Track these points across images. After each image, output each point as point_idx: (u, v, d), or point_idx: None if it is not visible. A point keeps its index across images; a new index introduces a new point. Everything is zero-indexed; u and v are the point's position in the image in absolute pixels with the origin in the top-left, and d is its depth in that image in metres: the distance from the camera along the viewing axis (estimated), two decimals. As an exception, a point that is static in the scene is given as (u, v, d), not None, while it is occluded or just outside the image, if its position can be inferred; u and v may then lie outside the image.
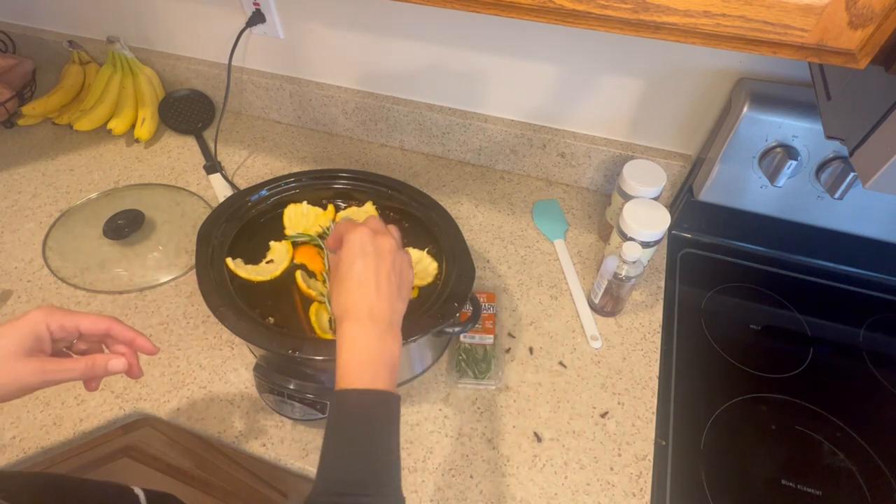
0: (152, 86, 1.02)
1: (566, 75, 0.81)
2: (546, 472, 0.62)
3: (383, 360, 0.45)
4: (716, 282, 0.82)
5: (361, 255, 0.47)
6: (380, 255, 0.47)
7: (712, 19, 0.38)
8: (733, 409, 0.68)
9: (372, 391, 0.43)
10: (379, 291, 0.46)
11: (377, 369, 0.44)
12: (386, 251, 0.48)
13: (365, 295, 0.46)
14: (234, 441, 0.64)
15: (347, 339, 0.45)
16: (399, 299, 0.48)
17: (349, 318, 0.45)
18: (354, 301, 0.46)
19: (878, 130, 0.39)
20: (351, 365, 0.44)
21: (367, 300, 0.46)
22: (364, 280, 0.46)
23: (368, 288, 0.46)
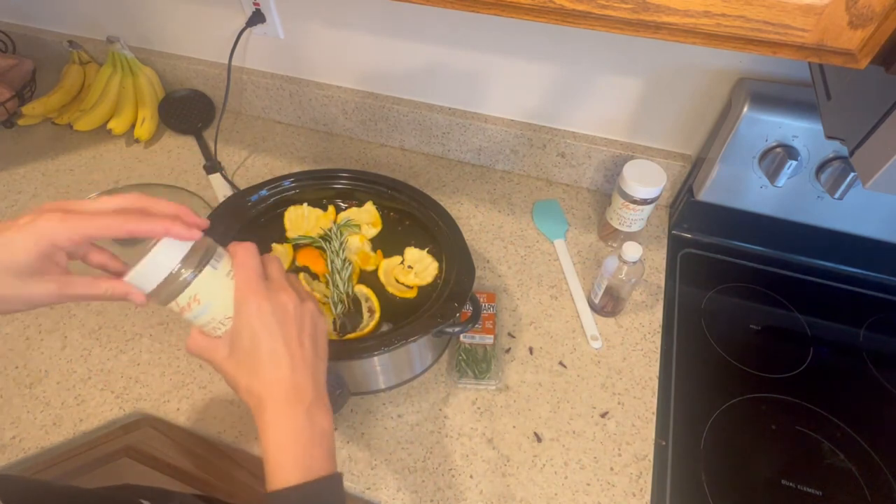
0: (152, 86, 1.02)
1: (566, 75, 0.81)
2: (546, 472, 0.62)
3: (314, 441, 0.39)
4: (716, 282, 0.82)
5: (262, 326, 0.39)
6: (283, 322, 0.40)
7: (712, 19, 0.38)
8: (733, 409, 0.68)
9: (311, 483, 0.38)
10: (293, 363, 0.40)
11: (310, 455, 0.39)
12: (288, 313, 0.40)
13: (277, 373, 0.39)
14: (234, 441, 0.64)
15: (270, 429, 0.39)
16: (317, 358, 0.42)
17: (266, 407, 0.39)
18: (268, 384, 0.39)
19: (878, 130, 0.39)
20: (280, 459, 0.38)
21: (282, 379, 0.39)
22: (271, 355, 0.39)
23: (280, 364, 0.39)
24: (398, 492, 0.60)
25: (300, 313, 0.41)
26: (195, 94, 1.05)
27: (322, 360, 0.43)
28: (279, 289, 0.41)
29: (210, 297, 0.40)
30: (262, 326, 0.39)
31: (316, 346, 0.42)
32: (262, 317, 0.39)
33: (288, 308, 0.41)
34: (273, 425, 0.39)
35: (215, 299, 0.40)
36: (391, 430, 0.65)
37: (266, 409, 0.39)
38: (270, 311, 0.40)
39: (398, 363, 0.66)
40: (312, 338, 0.42)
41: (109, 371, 0.70)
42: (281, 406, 0.39)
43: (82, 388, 0.68)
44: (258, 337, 0.39)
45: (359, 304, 0.65)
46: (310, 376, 0.41)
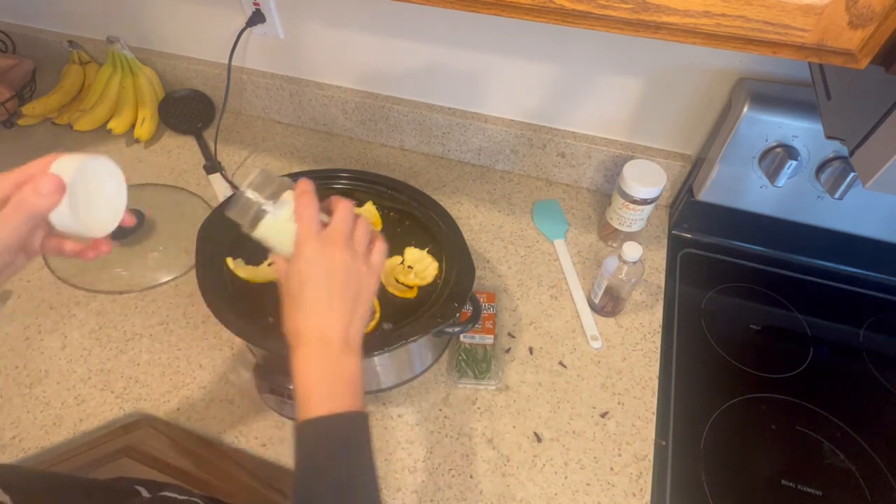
0: (152, 86, 1.02)
1: (566, 75, 0.81)
2: (546, 472, 0.62)
3: (342, 380, 0.42)
4: (716, 282, 0.82)
5: (310, 275, 0.44)
6: (331, 274, 0.44)
7: (712, 19, 0.38)
8: (733, 409, 0.68)
9: (336, 415, 0.41)
10: (331, 312, 0.44)
11: (337, 391, 0.42)
12: (337, 267, 0.44)
13: (315, 318, 0.43)
14: (234, 441, 0.64)
15: (301, 366, 0.43)
16: (353, 314, 0.45)
17: (299, 345, 0.43)
18: (303, 324, 0.44)
19: (878, 130, 0.39)
20: (308, 393, 0.42)
21: (317, 324, 0.43)
22: (313, 301, 0.44)
23: (318, 310, 0.44)
24: (398, 492, 0.60)
25: (347, 271, 0.44)
26: (195, 94, 1.05)
27: (359, 316, 0.46)
28: (335, 243, 0.45)
29: (276, 238, 0.47)
30: (310, 276, 0.44)
31: (355, 305, 0.45)
32: (313, 266, 0.44)
33: (337, 264, 0.44)
34: (304, 362, 0.42)
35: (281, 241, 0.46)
36: (391, 430, 0.65)
37: (300, 347, 0.43)
38: (323, 264, 0.44)
39: (398, 363, 0.66)
40: (354, 296, 0.45)
41: (109, 371, 0.70)
42: (313, 347, 0.43)
43: (82, 388, 0.68)
44: (304, 284, 0.44)
45: (359, 304, 0.65)
46: (342, 326, 0.44)
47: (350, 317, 0.44)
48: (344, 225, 0.46)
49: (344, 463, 0.40)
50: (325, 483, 0.40)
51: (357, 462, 0.41)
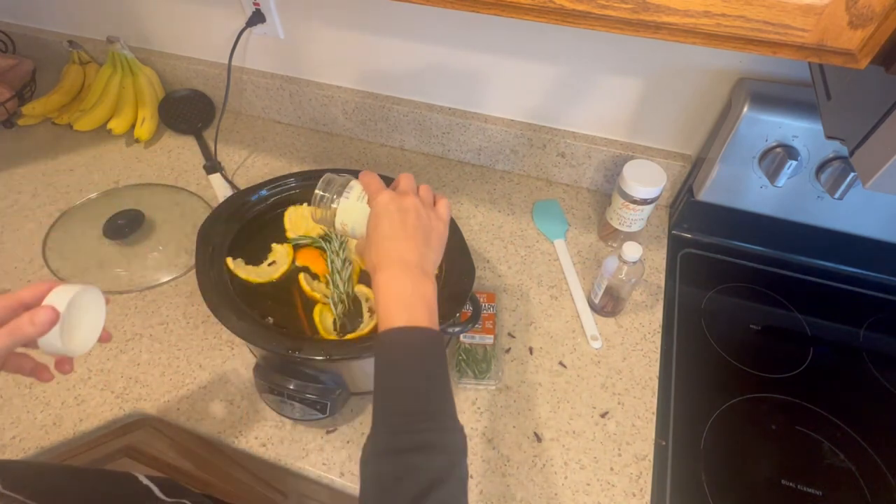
0: (152, 86, 1.02)
1: (566, 75, 0.81)
2: (546, 472, 0.62)
3: (420, 300, 0.46)
4: (716, 282, 0.82)
5: (385, 213, 0.49)
6: (403, 211, 0.49)
7: (712, 19, 0.38)
8: (733, 409, 0.68)
9: (413, 328, 0.44)
10: (406, 241, 0.48)
11: (414, 308, 0.45)
12: (408, 207, 0.49)
13: (392, 246, 0.48)
14: (234, 441, 0.64)
15: (382, 286, 0.47)
16: (427, 247, 0.49)
17: (380, 269, 0.47)
18: (384, 252, 0.48)
19: (878, 130, 0.39)
20: (388, 307, 0.45)
21: (395, 250, 0.48)
22: (390, 234, 0.48)
23: (395, 240, 0.48)
24: (398, 492, 0.60)
25: (417, 211, 0.50)
26: (195, 94, 1.05)
27: (432, 250, 0.50)
28: (404, 194, 0.51)
29: (352, 219, 0.53)
30: (385, 214, 0.49)
31: (427, 238, 0.50)
32: (387, 208, 0.49)
33: (407, 206, 0.49)
34: (383, 283, 0.47)
35: (357, 220, 0.53)
36: (391, 430, 0.65)
37: (380, 272, 0.47)
38: (393, 206, 0.49)
39: (398, 363, 0.65)
40: (425, 231, 0.50)
41: (109, 371, 0.70)
42: (391, 270, 0.47)
43: (82, 388, 0.68)
44: (381, 221, 0.49)
45: (359, 304, 0.65)
46: (417, 254, 0.48)
47: (424, 248, 0.49)
48: (408, 183, 0.53)
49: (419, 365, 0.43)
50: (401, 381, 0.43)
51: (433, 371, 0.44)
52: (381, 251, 0.48)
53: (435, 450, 0.40)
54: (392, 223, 0.49)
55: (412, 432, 0.40)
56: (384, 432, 0.41)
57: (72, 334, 0.45)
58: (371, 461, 0.41)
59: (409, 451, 0.39)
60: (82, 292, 0.46)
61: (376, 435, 0.42)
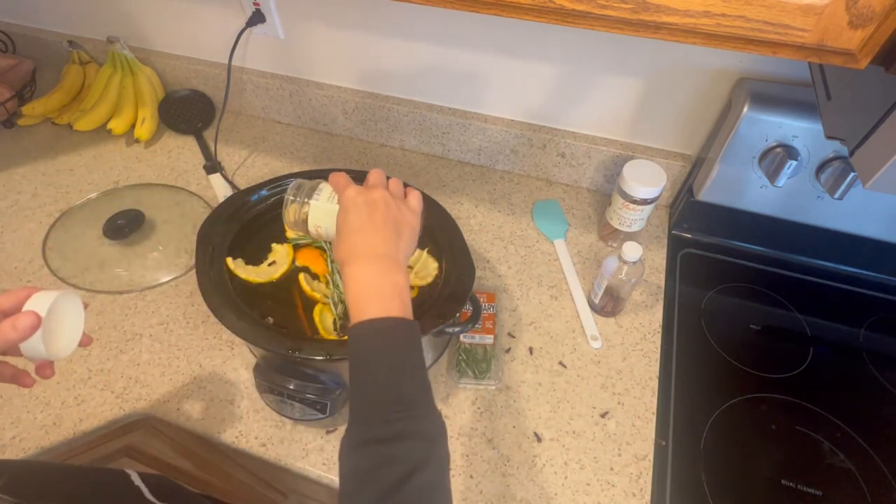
0: (152, 86, 1.02)
1: (566, 75, 0.81)
2: (546, 472, 0.62)
3: (391, 289, 0.45)
4: (716, 282, 0.82)
5: (353, 207, 0.49)
6: (371, 204, 0.49)
7: (712, 19, 0.38)
8: (733, 409, 0.68)
9: (384, 319, 0.44)
10: (375, 233, 0.48)
11: (385, 299, 0.45)
12: (376, 200, 0.49)
13: (360, 238, 0.48)
14: (234, 441, 0.64)
15: (351, 279, 0.46)
16: (398, 238, 0.49)
17: (349, 262, 0.47)
18: (352, 245, 0.48)
19: (878, 130, 0.39)
20: (358, 300, 0.45)
21: (364, 242, 0.47)
22: (357, 227, 0.48)
23: (363, 232, 0.48)
24: (398, 492, 0.60)
25: (386, 203, 0.49)
26: (195, 94, 1.05)
27: (403, 240, 0.49)
28: (372, 188, 0.50)
29: (324, 221, 0.53)
30: (353, 207, 0.49)
31: (397, 229, 0.49)
32: (354, 202, 0.49)
33: (375, 198, 0.49)
34: (352, 275, 0.46)
35: (329, 221, 0.53)
36: (391, 430, 0.65)
37: (350, 264, 0.47)
38: (361, 199, 0.49)
39: (398, 363, 0.65)
40: (395, 222, 0.49)
41: (109, 371, 0.70)
42: (360, 262, 0.46)
43: (82, 388, 0.68)
44: (349, 215, 0.49)
45: (359, 304, 0.65)
46: (388, 245, 0.48)
47: (395, 239, 0.48)
48: (378, 177, 0.52)
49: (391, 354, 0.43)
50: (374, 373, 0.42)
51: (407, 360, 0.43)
52: (349, 244, 0.48)
53: (411, 437, 0.40)
54: (360, 216, 0.48)
55: (387, 422, 0.40)
56: (359, 424, 0.41)
57: (53, 339, 0.46)
58: (347, 454, 0.40)
59: (384, 441, 0.39)
60: (62, 297, 0.46)
61: (351, 428, 0.41)
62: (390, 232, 0.48)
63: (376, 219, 0.48)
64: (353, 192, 0.50)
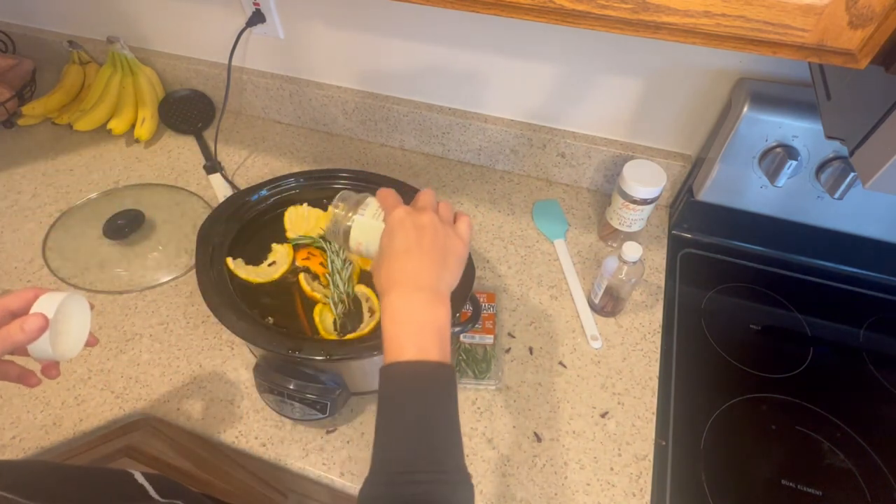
0: (152, 86, 1.02)
1: (566, 75, 0.81)
2: (546, 472, 0.62)
3: (431, 327, 0.43)
4: (716, 282, 0.82)
5: (400, 228, 0.46)
6: (419, 227, 0.46)
7: (712, 19, 0.38)
8: (733, 409, 0.68)
9: (421, 362, 0.41)
10: (420, 259, 0.45)
11: (424, 339, 0.42)
12: (425, 224, 0.46)
13: (405, 264, 0.45)
14: (234, 441, 0.64)
15: (390, 310, 0.43)
16: (444, 268, 0.46)
17: (391, 290, 0.44)
18: (395, 270, 0.45)
19: (878, 130, 0.39)
20: (397, 337, 0.42)
21: (408, 268, 0.44)
22: (403, 250, 0.45)
23: (409, 257, 0.45)
24: (398, 492, 0.60)
25: (435, 228, 0.46)
26: (195, 94, 1.05)
27: (449, 271, 0.47)
28: (422, 210, 0.48)
29: (367, 238, 0.51)
30: (399, 229, 0.46)
31: (444, 258, 0.46)
32: (402, 223, 0.46)
33: (424, 222, 0.46)
34: (392, 306, 0.43)
35: (372, 239, 0.51)
36: (391, 430, 0.65)
37: (391, 292, 0.44)
38: (410, 221, 0.46)
39: (398, 363, 0.65)
40: (443, 250, 0.46)
41: (109, 371, 0.70)
42: (403, 290, 0.44)
43: (82, 388, 0.68)
44: (395, 236, 0.46)
45: (359, 304, 0.65)
46: (433, 275, 0.45)
47: (440, 269, 0.45)
48: (428, 199, 0.49)
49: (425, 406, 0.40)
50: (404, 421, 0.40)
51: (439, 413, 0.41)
52: (392, 269, 0.45)
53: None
54: (407, 239, 0.45)
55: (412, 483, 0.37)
56: (382, 480, 0.39)
57: (60, 340, 0.46)
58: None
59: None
60: (68, 299, 0.46)
61: (374, 480, 0.39)
62: (437, 260, 0.45)
63: (424, 244, 0.45)
64: (401, 212, 0.47)
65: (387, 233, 0.47)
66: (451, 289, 0.47)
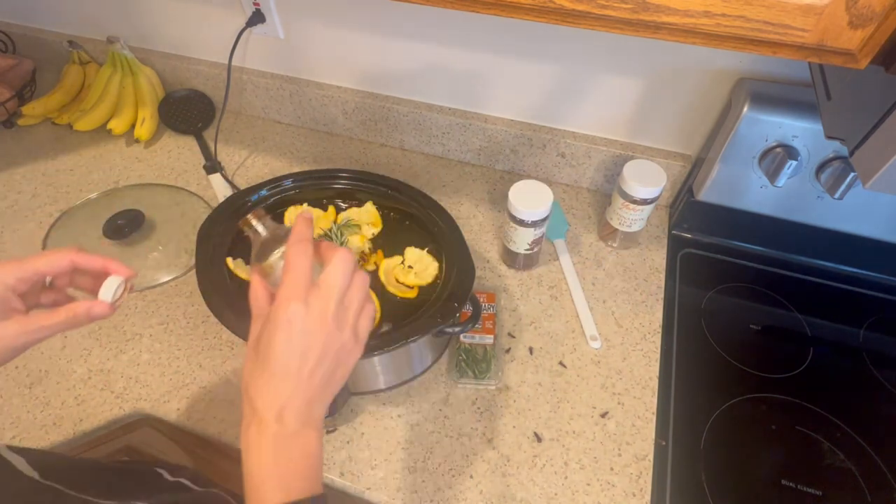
0: (152, 86, 1.02)
1: (566, 75, 0.81)
2: (546, 472, 0.62)
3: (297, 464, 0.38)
4: (716, 282, 0.82)
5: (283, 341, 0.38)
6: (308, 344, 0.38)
7: (712, 19, 0.38)
8: (733, 409, 0.68)
9: None
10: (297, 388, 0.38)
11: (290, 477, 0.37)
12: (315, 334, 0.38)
13: (277, 393, 0.38)
14: (234, 441, 0.64)
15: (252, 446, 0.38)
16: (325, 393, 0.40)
17: (254, 421, 0.38)
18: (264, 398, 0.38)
19: (878, 130, 0.39)
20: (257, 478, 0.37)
21: (279, 398, 0.38)
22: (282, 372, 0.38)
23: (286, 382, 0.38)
24: (398, 492, 0.60)
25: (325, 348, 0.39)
26: (195, 94, 1.05)
27: (329, 393, 0.41)
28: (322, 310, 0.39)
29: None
30: (281, 344, 0.38)
31: (328, 383, 0.40)
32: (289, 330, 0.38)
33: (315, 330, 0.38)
34: (254, 443, 0.38)
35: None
36: (391, 430, 0.65)
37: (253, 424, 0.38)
38: (298, 329, 0.38)
39: (398, 363, 0.66)
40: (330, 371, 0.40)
41: (109, 371, 0.70)
42: (267, 427, 0.38)
43: (82, 388, 0.68)
44: (273, 351, 0.38)
45: (359, 304, 0.65)
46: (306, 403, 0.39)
47: (319, 395, 0.40)
48: (337, 285, 0.40)
49: None
50: None
51: None
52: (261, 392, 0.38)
53: None
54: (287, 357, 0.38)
55: None
56: None
57: None
58: None
59: None
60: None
61: None
62: (316, 387, 0.39)
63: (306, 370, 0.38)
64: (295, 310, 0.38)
65: (267, 335, 0.38)
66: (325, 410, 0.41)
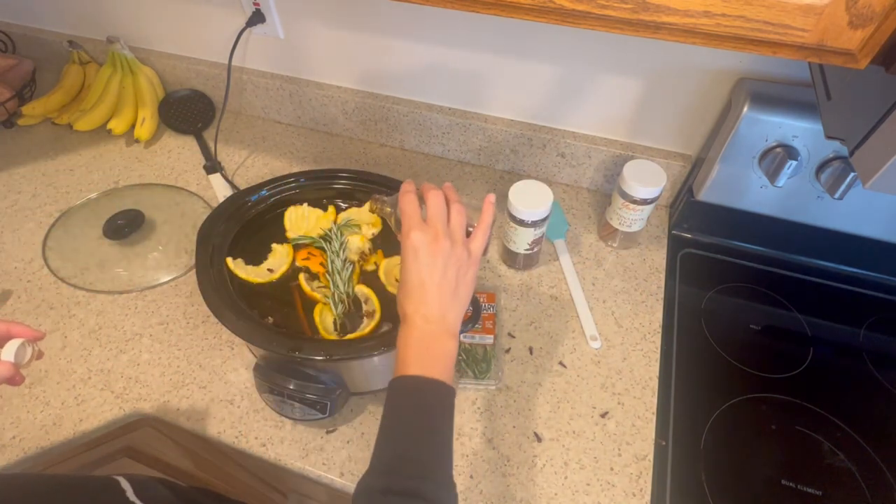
0: (152, 86, 1.02)
1: (566, 75, 0.81)
2: (546, 472, 0.62)
3: (435, 354, 0.47)
4: (716, 282, 0.82)
5: (414, 261, 0.49)
6: (433, 259, 0.49)
7: (712, 19, 0.38)
8: (733, 409, 0.68)
9: (424, 378, 0.45)
10: (431, 294, 0.48)
11: (428, 361, 0.47)
12: (437, 254, 0.49)
13: (417, 301, 0.49)
14: (234, 441, 0.64)
15: (402, 338, 0.48)
16: (454, 300, 0.50)
17: (404, 322, 0.49)
18: (409, 305, 0.49)
19: (878, 130, 0.39)
20: (405, 359, 0.47)
21: (420, 305, 0.49)
22: (418, 284, 0.49)
23: (423, 292, 0.49)
24: (398, 492, 0.60)
25: (447, 260, 0.49)
26: (195, 94, 1.05)
27: (458, 301, 0.50)
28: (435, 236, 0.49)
29: None
30: (414, 262, 0.49)
31: (455, 290, 0.50)
32: (416, 255, 0.49)
33: (437, 252, 0.49)
34: (403, 336, 0.48)
35: None
36: (391, 430, 0.65)
37: (403, 325, 0.49)
38: (423, 251, 0.49)
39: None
40: (453, 282, 0.49)
41: (109, 371, 0.70)
42: (414, 325, 0.48)
43: (82, 388, 0.68)
44: (410, 269, 0.49)
45: (359, 304, 0.65)
46: (442, 309, 0.49)
47: (450, 301, 0.49)
48: (437, 213, 0.50)
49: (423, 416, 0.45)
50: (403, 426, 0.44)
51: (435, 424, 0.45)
52: (406, 302, 0.49)
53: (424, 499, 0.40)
54: (419, 273, 0.49)
55: (404, 477, 0.41)
56: (379, 470, 0.43)
57: None
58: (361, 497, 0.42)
59: (398, 494, 0.40)
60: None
61: (371, 470, 0.43)
62: (446, 294, 0.49)
63: (435, 278, 0.49)
64: (415, 239, 0.49)
65: (403, 262, 0.50)
66: (461, 317, 0.51)
